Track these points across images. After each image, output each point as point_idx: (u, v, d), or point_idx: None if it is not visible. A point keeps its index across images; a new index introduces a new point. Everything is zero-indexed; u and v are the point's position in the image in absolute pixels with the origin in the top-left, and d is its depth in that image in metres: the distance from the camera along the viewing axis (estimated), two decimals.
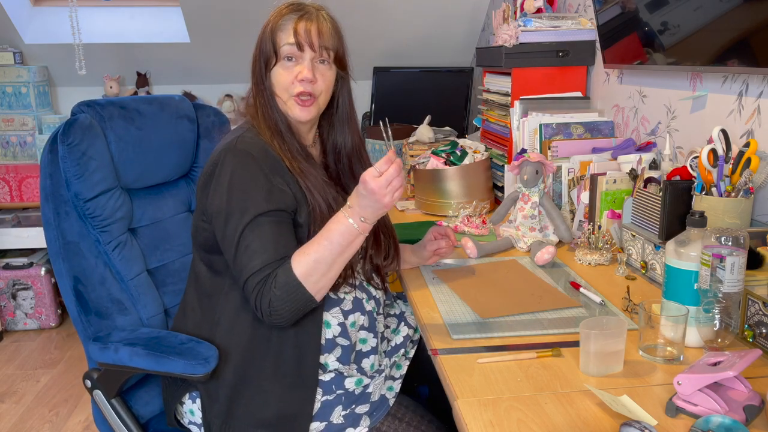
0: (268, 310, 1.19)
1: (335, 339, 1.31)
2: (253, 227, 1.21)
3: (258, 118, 1.32)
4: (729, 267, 1.10)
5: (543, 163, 1.72)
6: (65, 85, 3.60)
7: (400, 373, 1.40)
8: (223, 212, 1.24)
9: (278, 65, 1.30)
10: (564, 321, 1.29)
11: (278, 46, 1.29)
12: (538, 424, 0.94)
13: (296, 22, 1.28)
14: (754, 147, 1.36)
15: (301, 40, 1.27)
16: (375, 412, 1.28)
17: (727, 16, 1.50)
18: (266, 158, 1.26)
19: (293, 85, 1.29)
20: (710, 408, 0.94)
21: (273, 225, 1.22)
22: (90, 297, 1.40)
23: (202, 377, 1.26)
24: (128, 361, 1.32)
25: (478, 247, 1.68)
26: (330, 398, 1.27)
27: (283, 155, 1.28)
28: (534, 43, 2.23)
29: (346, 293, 1.33)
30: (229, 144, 1.27)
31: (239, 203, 1.22)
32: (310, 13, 1.30)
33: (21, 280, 3.27)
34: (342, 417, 1.26)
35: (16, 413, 2.59)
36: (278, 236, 1.22)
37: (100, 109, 1.44)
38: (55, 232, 1.38)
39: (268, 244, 1.20)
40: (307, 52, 1.28)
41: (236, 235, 1.21)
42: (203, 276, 1.35)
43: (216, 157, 1.28)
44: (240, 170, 1.24)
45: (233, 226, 1.22)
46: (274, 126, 1.31)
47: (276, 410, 1.25)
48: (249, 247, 1.20)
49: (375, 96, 3.42)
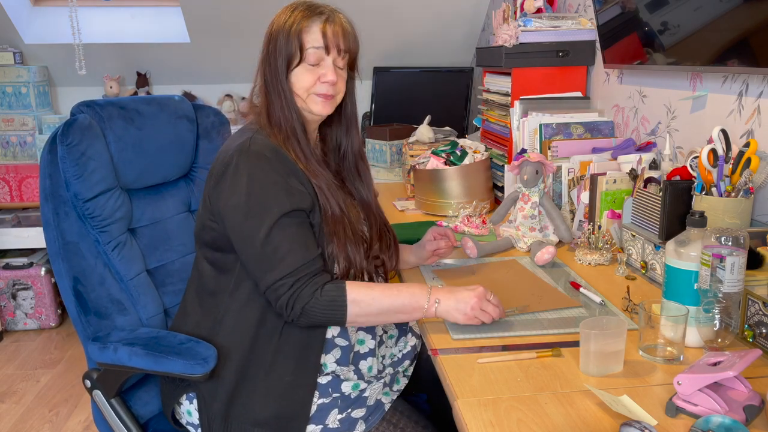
0: (299, 311, 1.20)
1: (334, 339, 1.31)
2: (279, 228, 1.21)
3: (268, 118, 1.32)
4: (729, 267, 1.10)
5: (543, 163, 1.72)
6: (65, 85, 3.59)
7: (398, 387, 1.39)
8: (238, 214, 1.23)
9: (301, 66, 1.30)
10: (564, 321, 1.29)
11: (305, 47, 1.29)
12: (538, 424, 0.94)
13: (324, 24, 1.28)
14: (754, 147, 1.36)
15: (329, 42, 1.28)
16: (370, 417, 1.27)
17: (727, 16, 1.49)
18: (279, 160, 1.26)
19: (315, 86, 1.30)
20: (710, 408, 0.94)
21: (298, 226, 1.23)
22: (89, 297, 1.40)
23: (201, 377, 1.26)
24: (127, 361, 1.32)
25: (478, 247, 1.68)
26: (326, 401, 1.27)
27: (297, 156, 1.29)
28: (534, 43, 2.23)
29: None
30: (242, 145, 1.26)
31: (262, 204, 1.22)
32: (332, 15, 1.31)
33: (21, 280, 3.27)
34: (338, 421, 1.26)
35: (16, 413, 2.59)
36: (305, 237, 1.24)
37: (100, 110, 1.44)
38: (54, 232, 1.38)
39: (297, 245, 1.22)
40: (333, 54, 1.30)
41: (260, 235, 1.21)
42: (207, 274, 1.35)
43: (228, 158, 1.27)
44: (258, 171, 1.24)
45: (255, 226, 1.21)
46: (290, 126, 1.31)
47: (275, 410, 1.25)
48: (279, 249, 1.21)
49: (375, 96, 3.43)
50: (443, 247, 1.59)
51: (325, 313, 1.21)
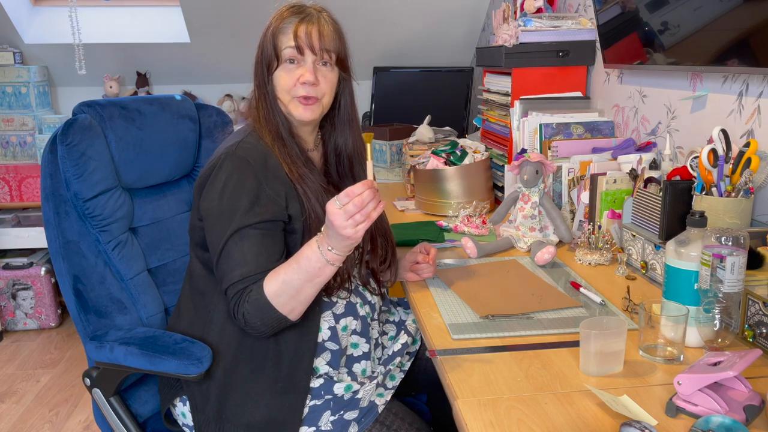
0: (242, 321, 1.21)
1: (324, 343, 1.31)
2: (237, 238, 1.21)
3: (260, 121, 1.32)
4: (729, 267, 1.10)
5: (543, 163, 1.72)
6: (65, 85, 3.59)
7: (393, 383, 1.37)
8: (211, 217, 1.25)
9: (280, 68, 1.30)
10: (564, 321, 1.29)
11: (279, 49, 1.28)
12: (538, 424, 0.94)
13: (297, 25, 1.27)
14: (754, 147, 1.36)
15: (301, 43, 1.27)
16: (363, 419, 1.26)
17: (727, 16, 1.50)
18: (264, 164, 1.26)
19: (295, 88, 1.29)
20: (710, 408, 0.94)
21: (258, 237, 1.22)
22: (89, 296, 1.40)
23: (195, 377, 1.26)
24: (123, 360, 1.32)
25: (478, 247, 1.68)
26: (318, 403, 1.27)
27: (283, 160, 1.28)
28: (534, 43, 2.23)
29: (340, 297, 1.33)
30: (229, 148, 1.27)
31: (227, 212, 1.23)
32: (311, 16, 1.29)
33: (21, 280, 3.27)
34: (330, 423, 1.25)
35: (16, 413, 2.59)
36: (261, 249, 1.22)
37: (101, 110, 1.44)
38: (55, 231, 1.39)
39: (249, 256, 1.21)
40: (308, 55, 1.28)
41: (220, 242, 1.22)
42: (198, 274, 1.35)
43: (215, 161, 1.28)
44: (234, 177, 1.24)
45: (219, 233, 1.23)
46: (275, 130, 1.31)
47: (266, 414, 1.24)
48: (231, 258, 1.21)
49: (375, 96, 3.43)
50: (421, 261, 1.51)
51: (262, 317, 1.19)
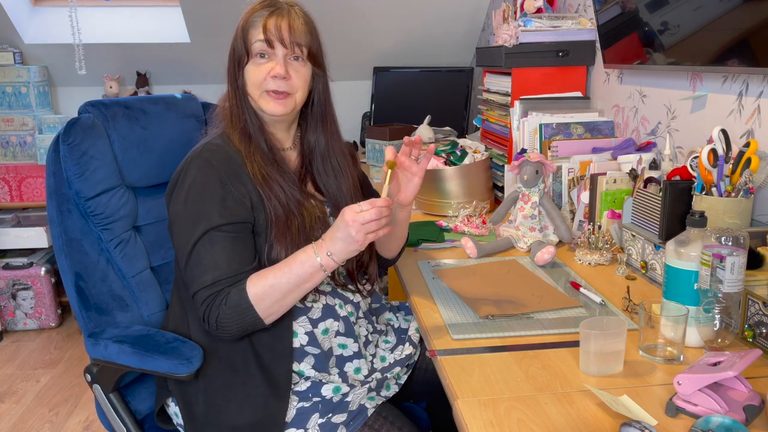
0: (215, 325, 1.19)
1: (304, 348, 1.29)
2: (205, 241, 1.20)
3: (230, 118, 1.31)
4: (729, 267, 1.10)
5: (543, 163, 1.72)
6: (65, 85, 3.59)
7: (386, 393, 1.36)
8: (178, 221, 1.24)
9: (250, 62, 1.28)
10: (564, 321, 1.29)
11: (249, 43, 1.27)
12: (538, 424, 0.94)
13: (266, 18, 1.26)
14: (754, 147, 1.36)
15: (270, 36, 1.25)
16: (352, 422, 1.24)
17: (727, 16, 1.50)
18: (228, 166, 1.24)
19: (266, 82, 1.27)
20: (710, 408, 0.94)
21: (227, 240, 1.21)
22: (90, 293, 1.41)
23: (186, 377, 1.26)
24: (116, 358, 1.33)
25: (478, 247, 1.68)
26: (306, 405, 1.25)
27: (248, 160, 1.26)
28: (534, 43, 2.23)
29: (314, 302, 1.31)
30: (195, 151, 1.27)
31: (193, 215, 1.22)
32: (282, 9, 1.27)
33: (21, 280, 3.27)
34: (318, 426, 1.23)
35: (16, 413, 2.59)
36: (232, 252, 1.21)
37: (104, 109, 1.45)
38: (58, 228, 1.40)
39: (221, 260, 1.19)
40: (279, 48, 1.26)
41: (188, 246, 1.21)
42: (179, 276, 1.34)
43: (182, 165, 1.27)
44: (199, 180, 1.23)
45: (185, 237, 1.21)
46: (243, 127, 1.29)
47: (250, 417, 1.23)
48: (201, 262, 1.20)
49: (375, 96, 3.43)
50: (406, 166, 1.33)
51: (238, 321, 1.18)
